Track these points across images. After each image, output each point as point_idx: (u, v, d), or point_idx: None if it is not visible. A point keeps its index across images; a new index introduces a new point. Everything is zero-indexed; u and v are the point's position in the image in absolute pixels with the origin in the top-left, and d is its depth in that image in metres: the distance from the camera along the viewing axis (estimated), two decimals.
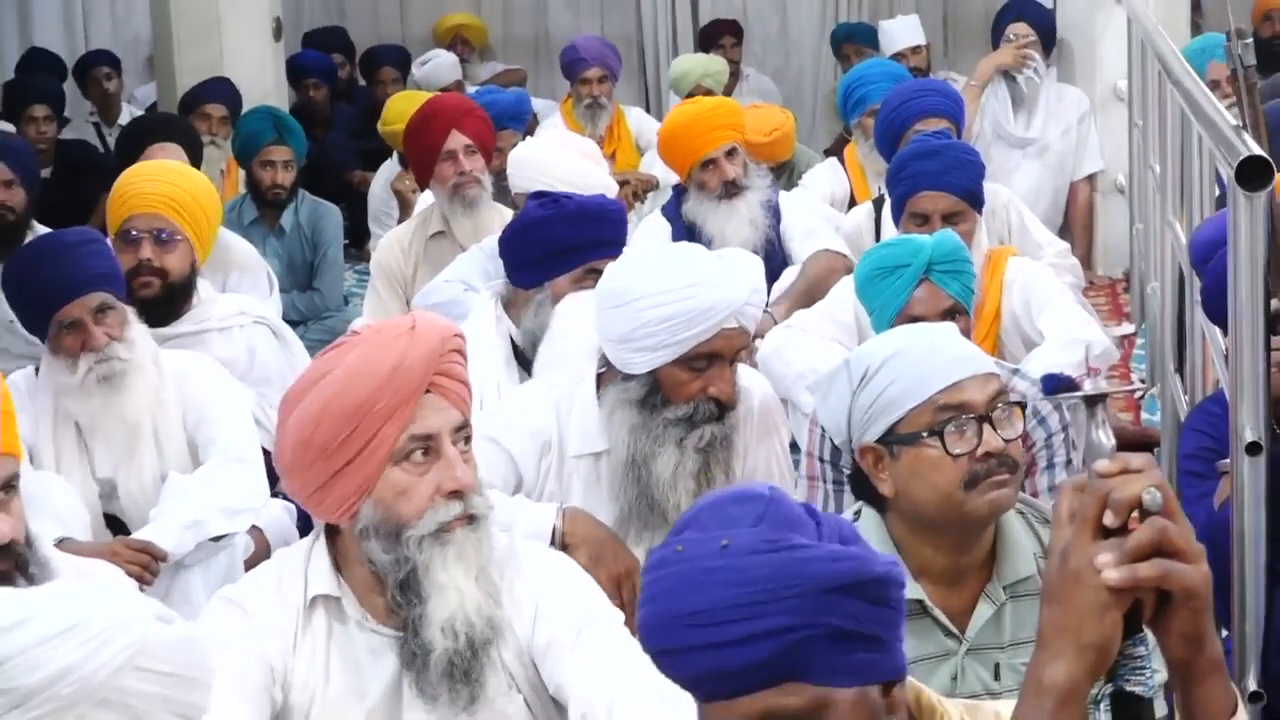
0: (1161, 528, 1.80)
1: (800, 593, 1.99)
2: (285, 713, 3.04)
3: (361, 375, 2.94)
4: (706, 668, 2.00)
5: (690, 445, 3.98)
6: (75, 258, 4.67)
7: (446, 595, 2.95)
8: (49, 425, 4.67)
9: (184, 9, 9.50)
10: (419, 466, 2.97)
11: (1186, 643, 1.85)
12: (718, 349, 3.95)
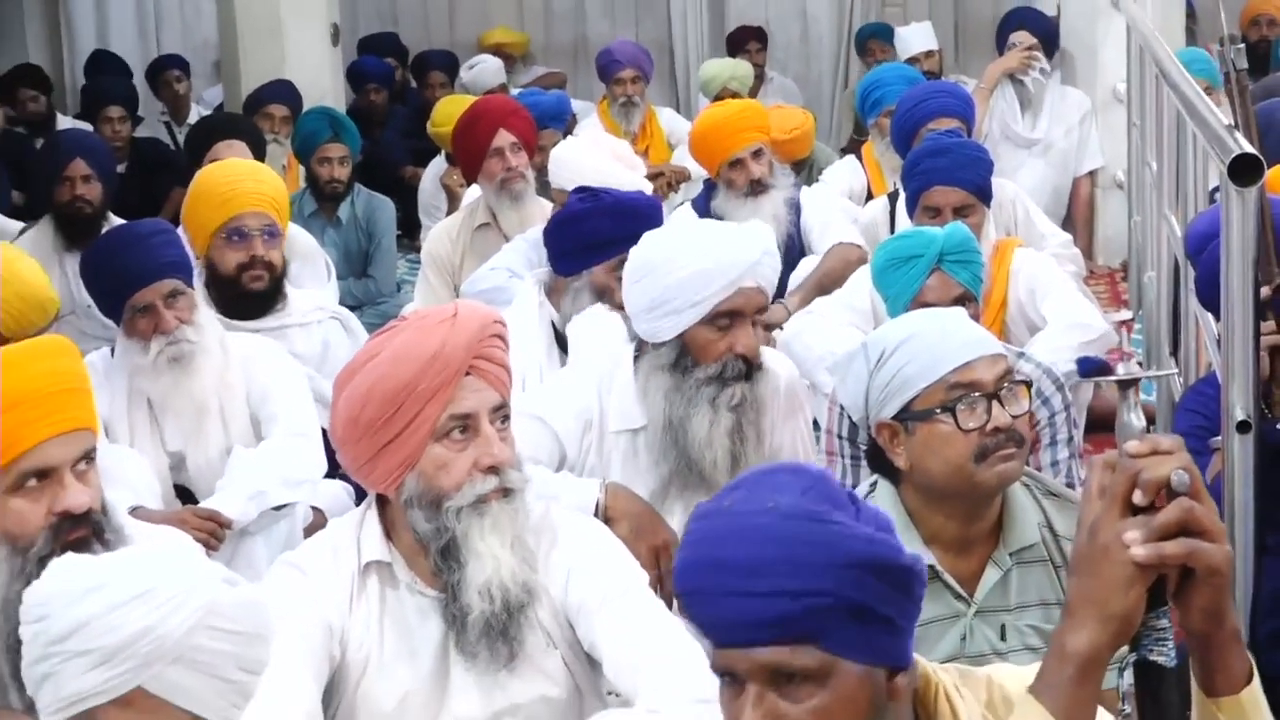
0: (1188, 508, 1.80)
1: (834, 563, 2.00)
2: (342, 670, 3.06)
3: (406, 358, 2.97)
4: (734, 613, 2.01)
5: (723, 404, 3.98)
6: (148, 247, 4.69)
7: (483, 562, 2.97)
8: (123, 402, 4.68)
9: (248, 16, 9.51)
10: (458, 443, 2.99)
11: (1207, 617, 1.84)
12: (739, 306, 3.96)
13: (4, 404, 2.96)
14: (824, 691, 2.00)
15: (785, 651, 1.99)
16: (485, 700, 3.06)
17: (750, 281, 3.97)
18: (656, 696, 2.95)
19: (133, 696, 2.07)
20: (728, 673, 2.05)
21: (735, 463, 3.99)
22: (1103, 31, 8.73)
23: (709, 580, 2.03)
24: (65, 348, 3.19)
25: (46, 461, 2.98)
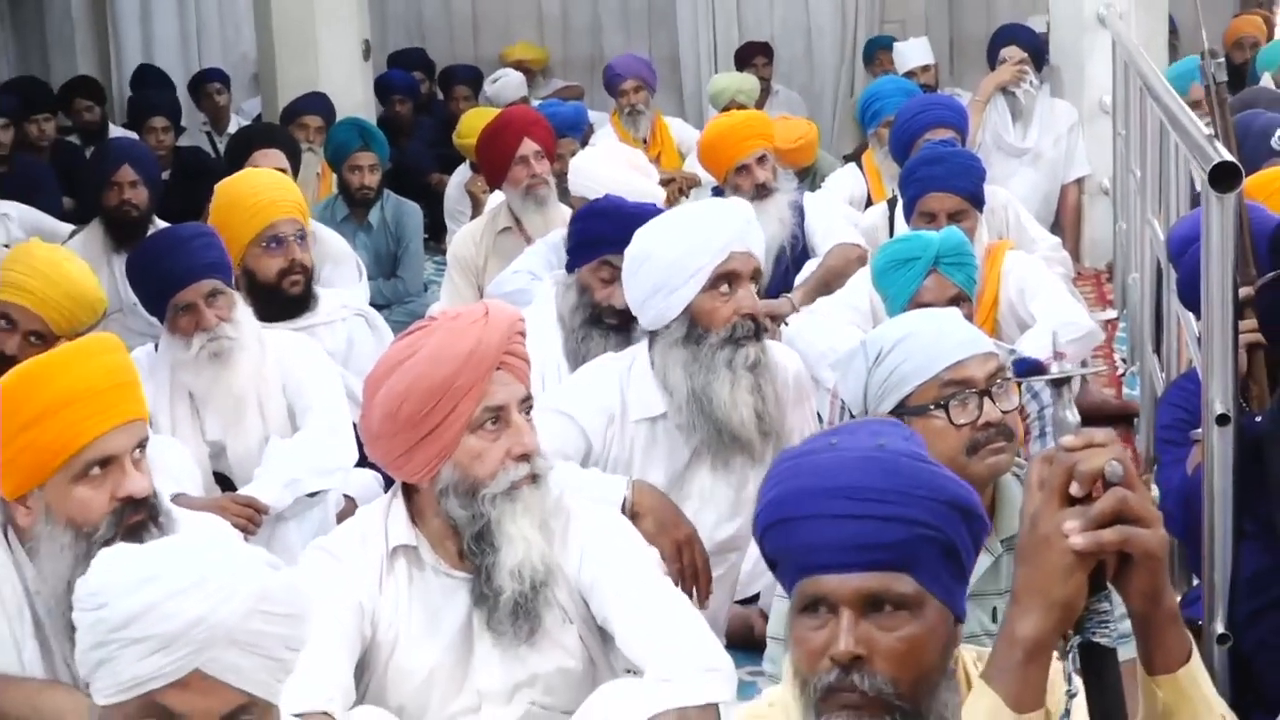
0: (1122, 497, 1.81)
1: (937, 500, 2.08)
2: (373, 647, 3.08)
3: (443, 357, 3.01)
4: (842, 536, 2.06)
5: (740, 364, 4.01)
6: (190, 249, 4.70)
7: (516, 545, 3.01)
8: (166, 395, 4.69)
9: (285, 32, 9.53)
10: (491, 434, 3.03)
11: (1145, 599, 1.85)
12: (735, 268, 4.00)
13: (67, 399, 2.99)
14: (914, 622, 2.05)
15: (886, 577, 2.04)
16: (506, 673, 3.08)
17: (740, 246, 4.02)
18: (666, 666, 2.99)
19: (190, 679, 2.08)
20: (819, 601, 2.08)
21: (760, 420, 4.04)
22: (1089, 47, 8.71)
23: (816, 505, 2.08)
24: (115, 344, 3.22)
25: (108, 451, 3.01)
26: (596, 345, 4.72)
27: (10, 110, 9.43)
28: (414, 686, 3.08)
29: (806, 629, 2.10)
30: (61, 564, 2.97)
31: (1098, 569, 1.83)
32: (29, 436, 3.00)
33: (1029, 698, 1.88)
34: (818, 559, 2.08)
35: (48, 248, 4.93)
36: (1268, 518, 3.24)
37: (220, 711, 2.10)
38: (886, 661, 2.04)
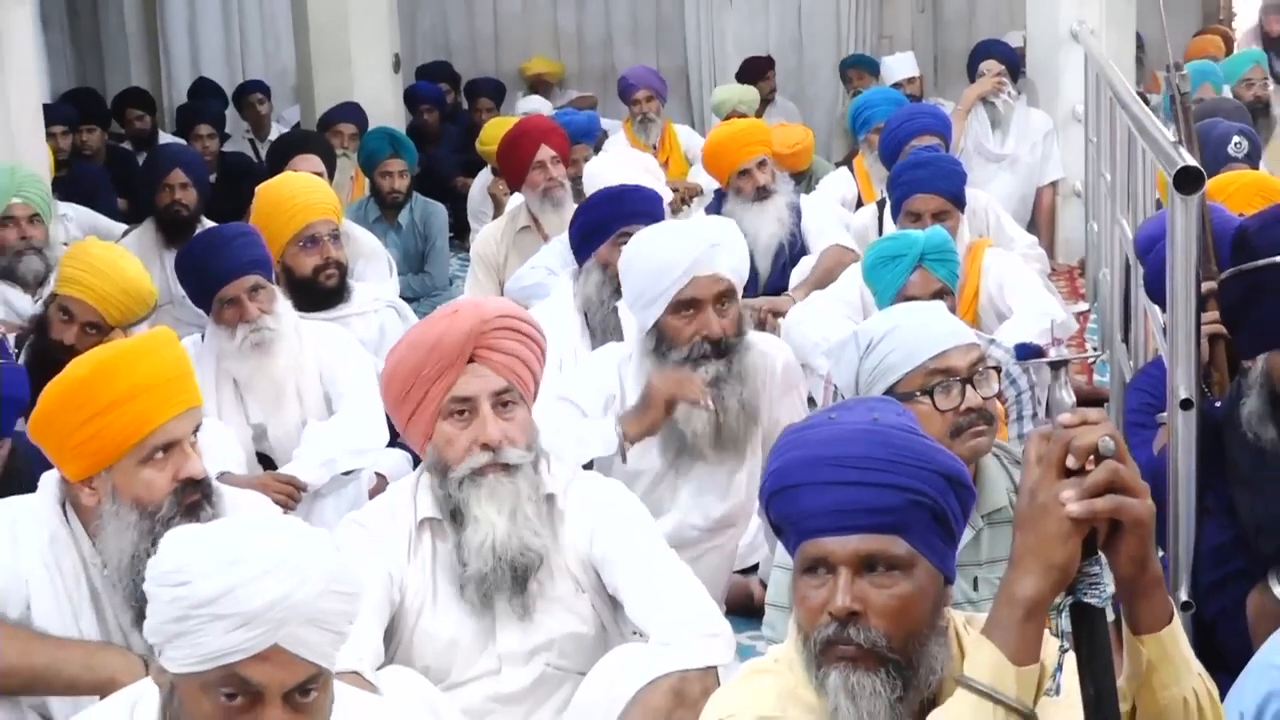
0: (1114, 469, 1.82)
1: (930, 469, 2.14)
2: (401, 612, 3.09)
3: (414, 346, 3.07)
4: (842, 501, 2.10)
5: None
6: (234, 247, 4.71)
7: (479, 526, 3.02)
8: (212, 381, 4.68)
9: (321, 46, 9.53)
10: (460, 422, 3.04)
11: (1133, 563, 1.85)
12: (696, 294, 4.00)
13: (137, 390, 3.00)
14: (906, 582, 2.10)
15: (881, 540, 2.09)
16: (524, 637, 3.09)
17: (705, 270, 4.00)
18: (670, 632, 3.00)
19: (269, 652, 2.11)
20: (819, 562, 2.12)
21: (719, 432, 4.06)
22: (1063, 60, 8.70)
23: (819, 473, 2.12)
24: (172, 339, 3.23)
25: (171, 436, 3.03)
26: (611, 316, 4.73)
27: (68, 119, 9.43)
28: (439, 649, 3.08)
29: (808, 588, 2.14)
30: (125, 540, 2.97)
31: (1090, 535, 1.84)
32: (101, 423, 3.00)
33: (1027, 652, 1.89)
34: (818, 523, 2.12)
35: (103, 245, 4.94)
36: (1228, 496, 3.23)
37: (293, 682, 2.13)
38: (880, 617, 2.08)
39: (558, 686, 3.11)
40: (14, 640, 2.97)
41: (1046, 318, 5.28)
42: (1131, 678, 1.89)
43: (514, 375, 3.06)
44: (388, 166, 7.89)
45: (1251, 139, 5.56)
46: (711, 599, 3.14)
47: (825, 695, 2.11)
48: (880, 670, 2.08)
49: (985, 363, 3.23)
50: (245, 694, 2.12)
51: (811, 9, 12.48)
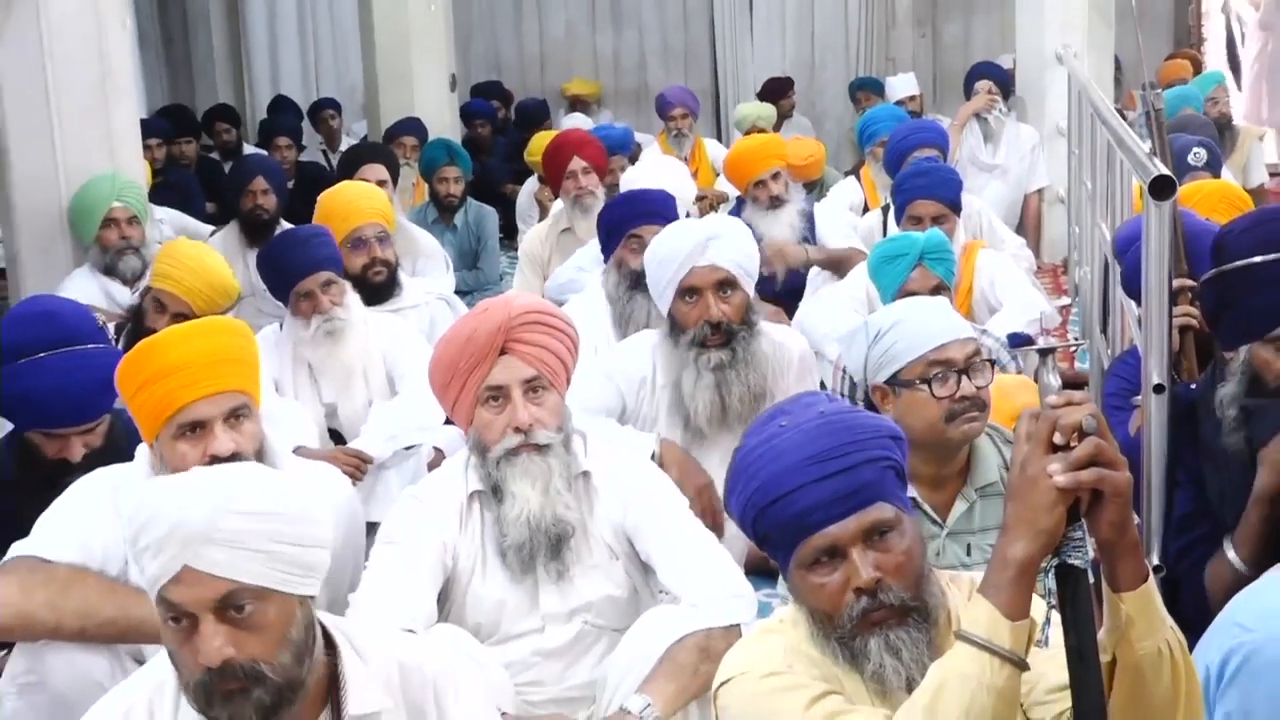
0: (1097, 444, 1.82)
1: (881, 435, 2.17)
2: (454, 577, 3.09)
3: (451, 341, 3.08)
4: (830, 493, 2.11)
5: (702, 365, 4.05)
6: (309, 246, 4.74)
7: (515, 501, 3.01)
8: (289, 366, 4.72)
9: (387, 67, 9.56)
10: (495, 407, 3.04)
11: (1112, 528, 1.85)
12: (696, 283, 4.04)
13: (165, 372, 3.00)
14: (903, 538, 2.13)
15: (872, 510, 2.11)
16: (564, 599, 3.09)
17: (703, 260, 4.04)
18: (697, 594, 3.00)
19: (181, 574, 2.03)
20: (826, 551, 2.12)
21: (725, 411, 4.07)
22: (1049, 80, 8.67)
23: (805, 474, 2.12)
24: (231, 327, 3.20)
25: (197, 416, 3.00)
26: (639, 305, 4.76)
27: (163, 132, 9.48)
28: (488, 609, 3.08)
29: (820, 578, 2.13)
30: None
31: (1074, 504, 1.84)
32: (142, 397, 3.02)
33: (1019, 608, 1.89)
34: (816, 518, 2.11)
35: (191, 244, 4.96)
36: (1195, 470, 3.22)
37: (212, 598, 2.03)
38: (896, 576, 2.11)
39: (595, 642, 3.11)
40: (114, 595, 2.98)
41: (1034, 310, 5.30)
42: (1111, 631, 1.89)
43: (542, 364, 3.05)
44: (444, 174, 7.92)
45: (1210, 150, 5.62)
46: (734, 563, 3.14)
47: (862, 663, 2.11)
48: (908, 621, 2.11)
49: (981, 355, 3.22)
50: (182, 616, 2.04)
51: (824, 35, 12.49)
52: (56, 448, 3.44)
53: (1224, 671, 2.35)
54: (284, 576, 2.08)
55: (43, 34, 5.26)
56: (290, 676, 2.07)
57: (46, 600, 2.92)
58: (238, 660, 2.03)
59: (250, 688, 2.04)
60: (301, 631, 2.11)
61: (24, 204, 5.49)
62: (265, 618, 2.06)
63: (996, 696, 1.90)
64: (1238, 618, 2.41)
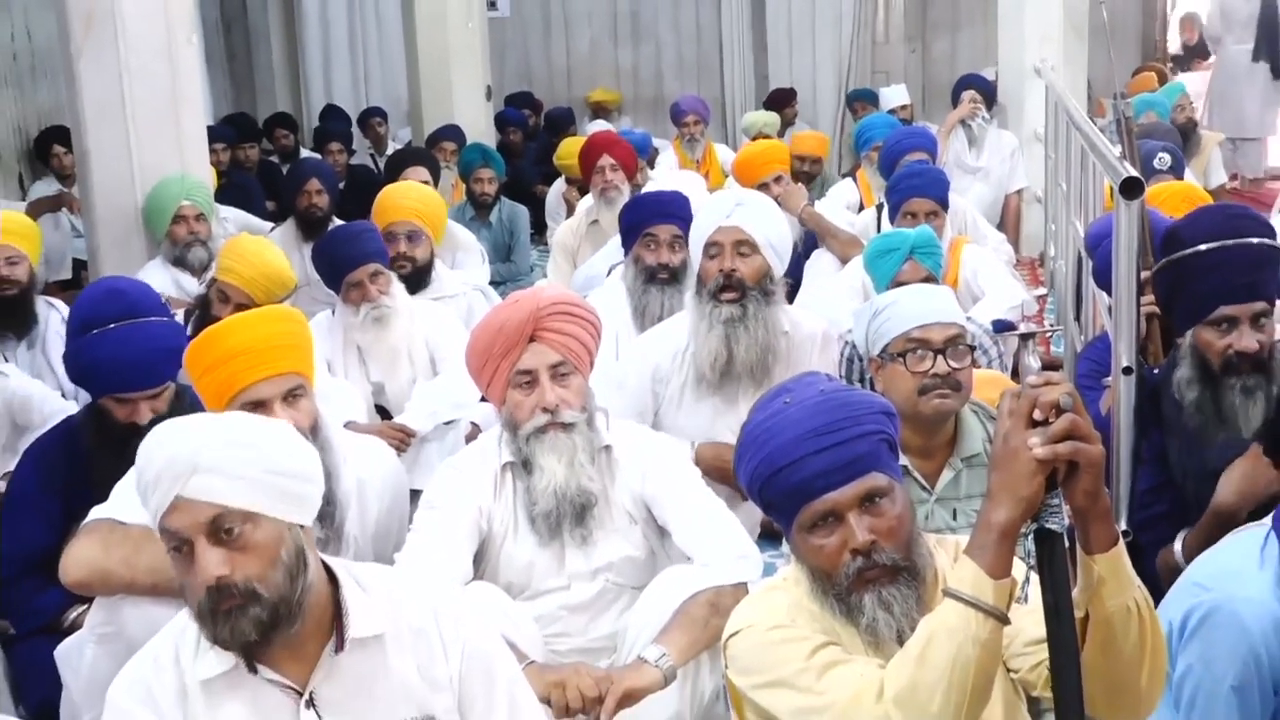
0: (1072, 420, 1.82)
1: (875, 410, 2.17)
2: (489, 539, 3.09)
3: (485, 329, 3.08)
4: (828, 463, 2.11)
5: (715, 317, 4.06)
6: (358, 241, 4.75)
7: (543, 473, 3.01)
8: (340, 349, 4.73)
9: (429, 79, 9.59)
10: (524, 390, 3.03)
11: (1086, 496, 1.84)
12: (718, 239, 4.08)
13: (226, 356, 3.01)
14: (895, 504, 2.13)
15: (867, 479, 2.11)
16: (588, 560, 3.09)
17: (726, 222, 4.08)
18: (708, 555, 3.01)
19: (176, 504, 2.05)
20: (826, 516, 2.12)
21: (731, 362, 4.06)
22: (1028, 91, 8.66)
23: (806, 447, 2.12)
24: (287, 315, 3.22)
25: (257, 396, 3.02)
26: (654, 297, 4.74)
27: (227, 138, 9.49)
28: (519, 568, 3.08)
29: (820, 540, 2.13)
30: None
31: (1051, 474, 1.83)
32: (208, 379, 3.03)
33: (1001, 568, 1.89)
34: (816, 485, 2.11)
35: (252, 240, 4.97)
36: (1159, 447, 3.21)
37: (201, 523, 2.05)
38: (888, 538, 2.11)
39: (616, 598, 3.12)
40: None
41: (1014, 299, 5.31)
42: (1084, 590, 1.89)
43: (568, 350, 3.05)
44: (480, 175, 7.91)
45: (1175, 154, 5.63)
46: (742, 527, 3.14)
47: (857, 617, 2.12)
48: (899, 579, 2.11)
49: (963, 340, 3.19)
50: (181, 543, 2.06)
51: (823, 50, 12.46)
52: (126, 412, 3.45)
53: (1186, 626, 2.34)
54: (267, 501, 2.09)
55: (119, 51, 5.27)
56: (283, 595, 2.08)
57: (122, 558, 2.93)
58: (233, 579, 2.04)
59: (247, 605, 2.05)
60: (292, 555, 2.10)
61: (103, 203, 5.50)
62: (254, 539, 2.07)
63: (980, 648, 1.90)
64: (1197, 578, 2.40)
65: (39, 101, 10.20)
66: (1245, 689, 2.29)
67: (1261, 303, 3.10)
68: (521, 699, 2.31)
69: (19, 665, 3.46)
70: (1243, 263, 3.10)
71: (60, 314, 5.07)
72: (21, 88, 10.08)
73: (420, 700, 2.21)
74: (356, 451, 3.33)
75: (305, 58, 12.81)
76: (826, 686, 2.05)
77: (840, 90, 12.19)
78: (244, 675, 2.14)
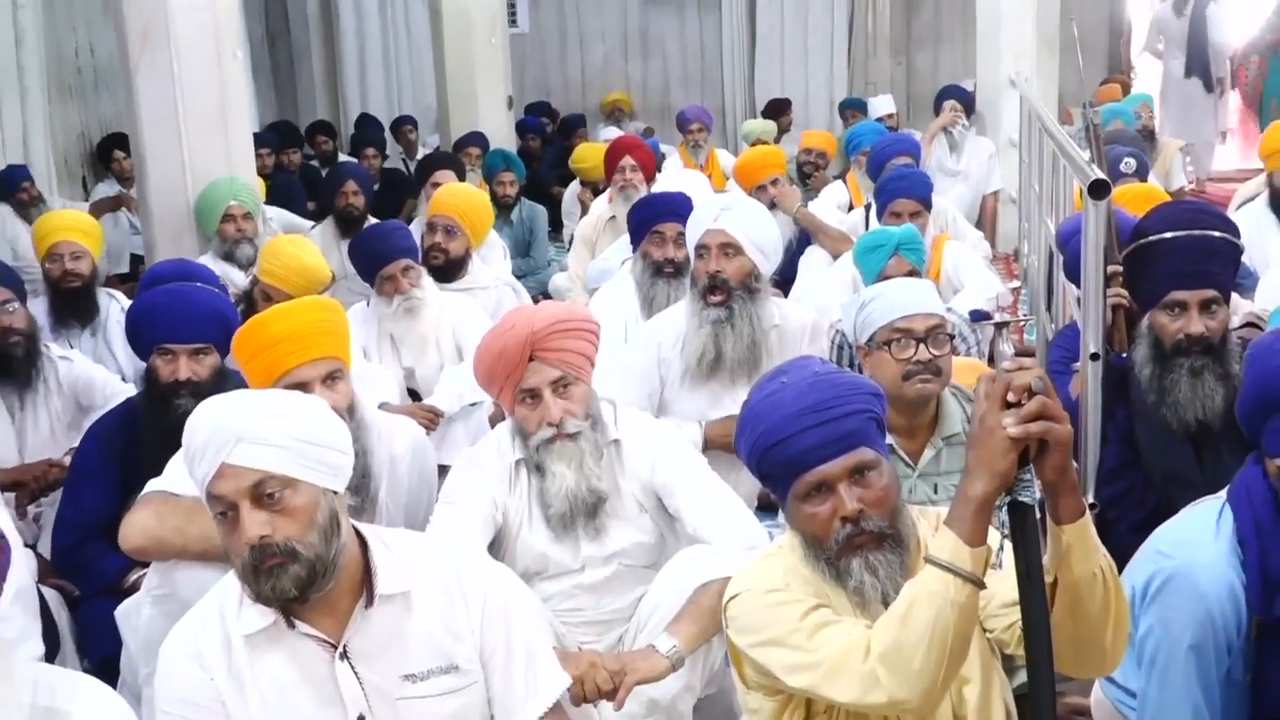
0: (1043, 402, 1.81)
1: (864, 392, 2.16)
2: (504, 529, 3.03)
3: (488, 351, 2.98)
4: (821, 438, 2.10)
5: (704, 317, 4.02)
6: (391, 238, 4.75)
7: (555, 478, 2.96)
8: (375, 336, 4.73)
9: (456, 90, 9.56)
10: (530, 405, 2.96)
11: (1056, 471, 1.83)
12: (705, 241, 4.04)
13: (271, 342, 3.01)
14: (882, 477, 2.12)
15: (857, 453, 2.10)
16: (601, 547, 3.03)
17: (714, 225, 4.03)
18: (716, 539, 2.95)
19: (222, 470, 2.07)
20: (818, 486, 2.12)
21: (719, 359, 4.03)
22: (1003, 100, 8.64)
23: (801, 422, 2.11)
24: (326, 305, 3.22)
25: (300, 378, 3.01)
26: (660, 289, 4.73)
27: (272, 144, 9.49)
28: (534, 557, 3.03)
29: (813, 509, 2.13)
30: None
31: (1024, 451, 1.82)
32: (255, 363, 3.04)
33: (978, 536, 1.89)
34: (810, 458, 2.10)
35: (290, 241, 4.96)
36: (1125, 428, 3.21)
37: (245, 487, 2.07)
38: (875, 507, 2.10)
39: (628, 579, 3.06)
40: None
41: (991, 291, 5.30)
42: (1053, 557, 1.88)
43: (566, 364, 2.96)
44: (501, 178, 7.88)
45: (1139, 159, 5.61)
46: (749, 512, 3.09)
47: (845, 580, 2.11)
48: (884, 545, 2.10)
49: (943, 330, 3.18)
50: (226, 508, 2.08)
51: (816, 64, 12.45)
52: (169, 369, 3.47)
53: (1148, 590, 2.34)
54: (305, 468, 2.10)
55: (173, 64, 5.27)
56: (319, 554, 2.10)
57: (175, 527, 2.93)
58: (274, 539, 2.07)
59: (287, 563, 2.08)
60: (327, 518, 2.12)
61: (158, 203, 5.50)
62: (293, 503, 2.09)
63: (959, 610, 1.90)
64: (1159, 546, 2.40)
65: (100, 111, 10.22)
66: (1201, 648, 2.29)
67: (1211, 290, 3.09)
68: (537, 649, 2.32)
69: (83, 623, 3.47)
70: (1196, 252, 3.09)
71: (119, 304, 5.08)
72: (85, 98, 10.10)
73: (444, 650, 2.22)
74: (389, 429, 3.32)
75: (343, 70, 12.80)
76: (817, 645, 2.05)
77: (831, 100, 12.16)
78: (283, 630, 2.16)
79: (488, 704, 2.27)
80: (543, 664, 2.31)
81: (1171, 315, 3.10)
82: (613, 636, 3.05)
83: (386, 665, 2.19)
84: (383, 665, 2.18)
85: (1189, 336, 3.07)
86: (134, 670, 3.10)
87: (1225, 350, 3.10)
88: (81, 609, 3.50)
